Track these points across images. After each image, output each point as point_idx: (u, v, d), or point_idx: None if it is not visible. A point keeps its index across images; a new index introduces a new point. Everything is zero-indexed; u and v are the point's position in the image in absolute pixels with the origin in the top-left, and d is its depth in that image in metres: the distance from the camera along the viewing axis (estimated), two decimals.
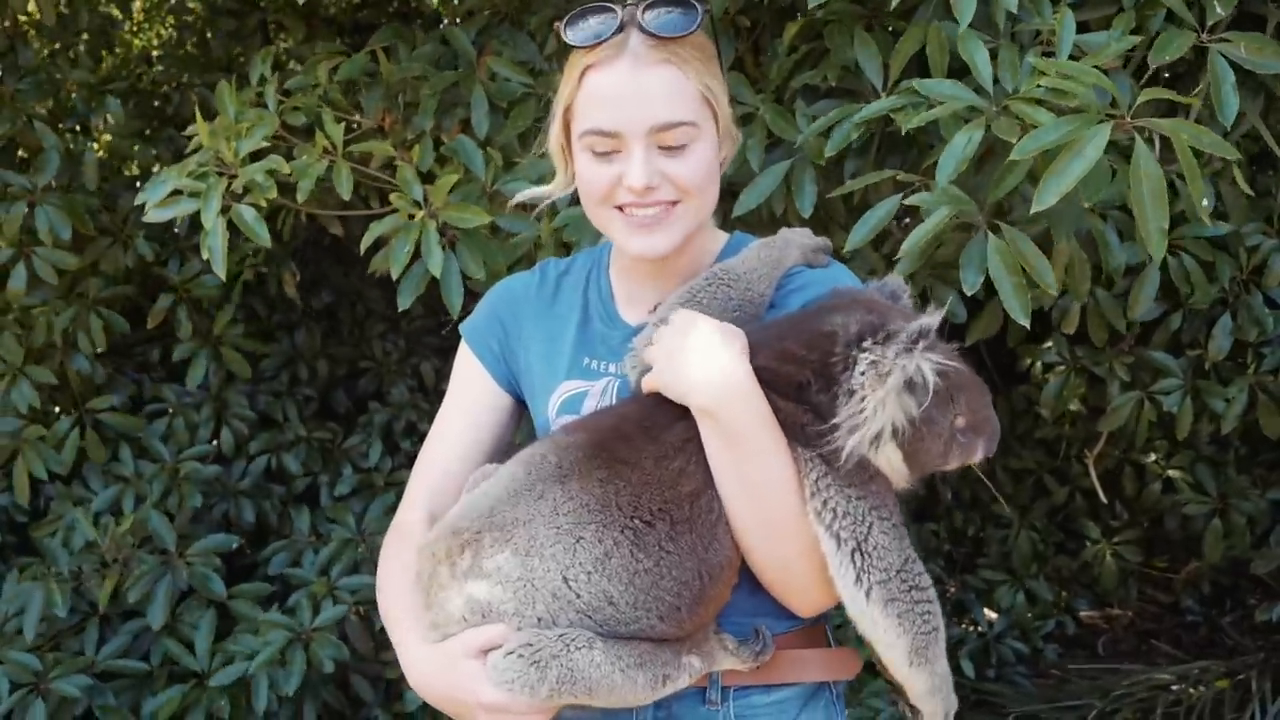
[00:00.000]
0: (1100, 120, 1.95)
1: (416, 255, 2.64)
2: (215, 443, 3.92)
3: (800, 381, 1.52)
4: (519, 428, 1.90)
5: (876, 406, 1.45)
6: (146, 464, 3.73)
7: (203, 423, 3.90)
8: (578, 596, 1.49)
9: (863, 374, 1.46)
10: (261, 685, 3.23)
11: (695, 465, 1.54)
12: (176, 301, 3.79)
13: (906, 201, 2.20)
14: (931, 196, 2.16)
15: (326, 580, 3.48)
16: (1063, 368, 3.62)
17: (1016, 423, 4.66)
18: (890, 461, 1.52)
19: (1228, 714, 4.15)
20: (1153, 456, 4.45)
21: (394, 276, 2.67)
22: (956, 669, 4.42)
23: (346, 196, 2.76)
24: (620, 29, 1.59)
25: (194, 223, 3.67)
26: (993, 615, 4.61)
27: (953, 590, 4.63)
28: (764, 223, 2.98)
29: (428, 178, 2.75)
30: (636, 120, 1.57)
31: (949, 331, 1.61)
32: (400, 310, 2.71)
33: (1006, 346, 4.47)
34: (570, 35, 1.62)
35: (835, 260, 1.80)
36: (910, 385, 1.46)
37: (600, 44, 1.59)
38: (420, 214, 2.63)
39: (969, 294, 2.16)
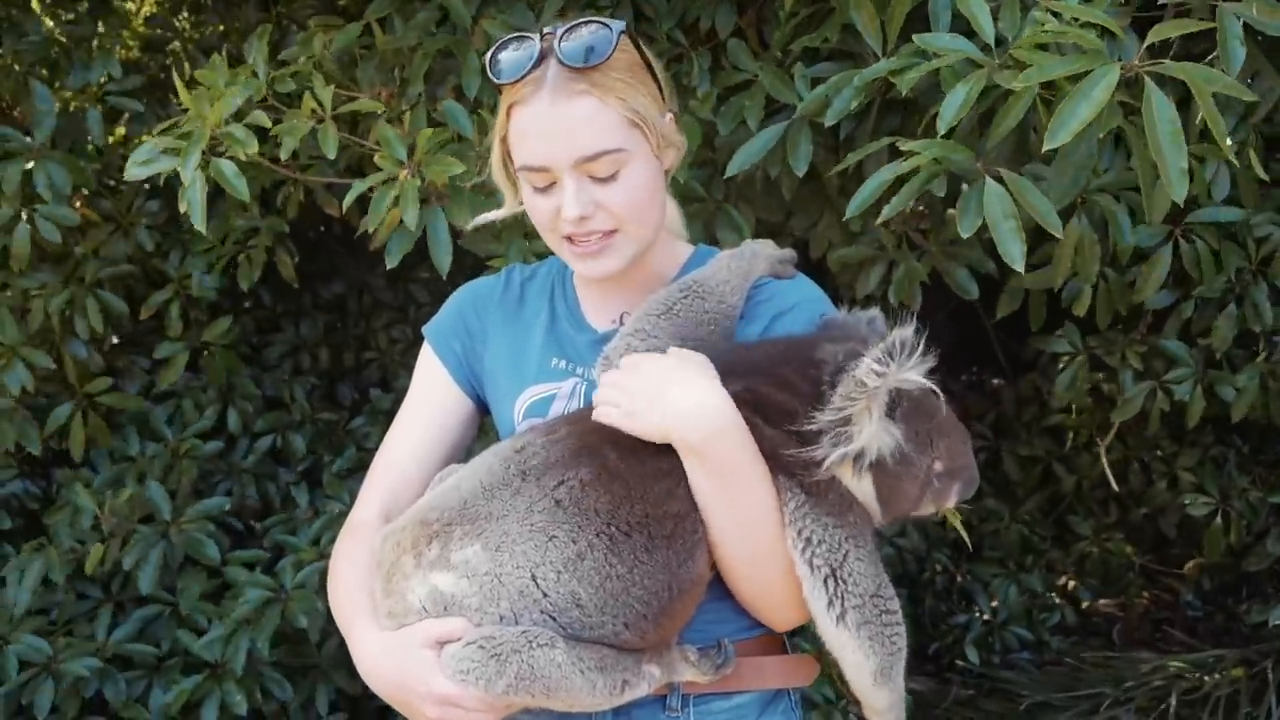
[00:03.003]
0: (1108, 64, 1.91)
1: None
2: (223, 429, 3.92)
3: (791, 410, 1.52)
4: (479, 433, 1.90)
5: (860, 417, 1.46)
6: (152, 445, 3.74)
7: (209, 403, 3.90)
8: (544, 596, 1.49)
9: (846, 389, 1.46)
10: (241, 644, 3.26)
11: (684, 489, 1.54)
12: (172, 297, 3.76)
13: (903, 146, 2.16)
14: (925, 144, 2.12)
15: (316, 549, 3.46)
16: (1076, 356, 3.58)
17: (1023, 410, 4.64)
18: (865, 496, 1.54)
19: (1243, 703, 4.13)
20: (1159, 453, 4.43)
21: (369, 230, 2.64)
22: (961, 656, 4.44)
23: (331, 155, 2.73)
24: (540, 61, 1.59)
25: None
26: (995, 602, 4.59)
27: (960, 579, 4.61)
28: (760, 193, 2.97)
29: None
30: (561, 154, 1.58)
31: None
32: (389, 268, 2.69)
33: (1016, 334, 4.48)
34: (493, 71, 1.63)
35: (800, 273, 1.81)
36: (895, 398, 1.48)
37: (521, 80, 1.59)
38: (403, 173, 2.61)
39: (965, 235, 2.11)
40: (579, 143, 1.57)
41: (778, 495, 1.54)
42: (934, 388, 1.48)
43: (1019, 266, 2.07)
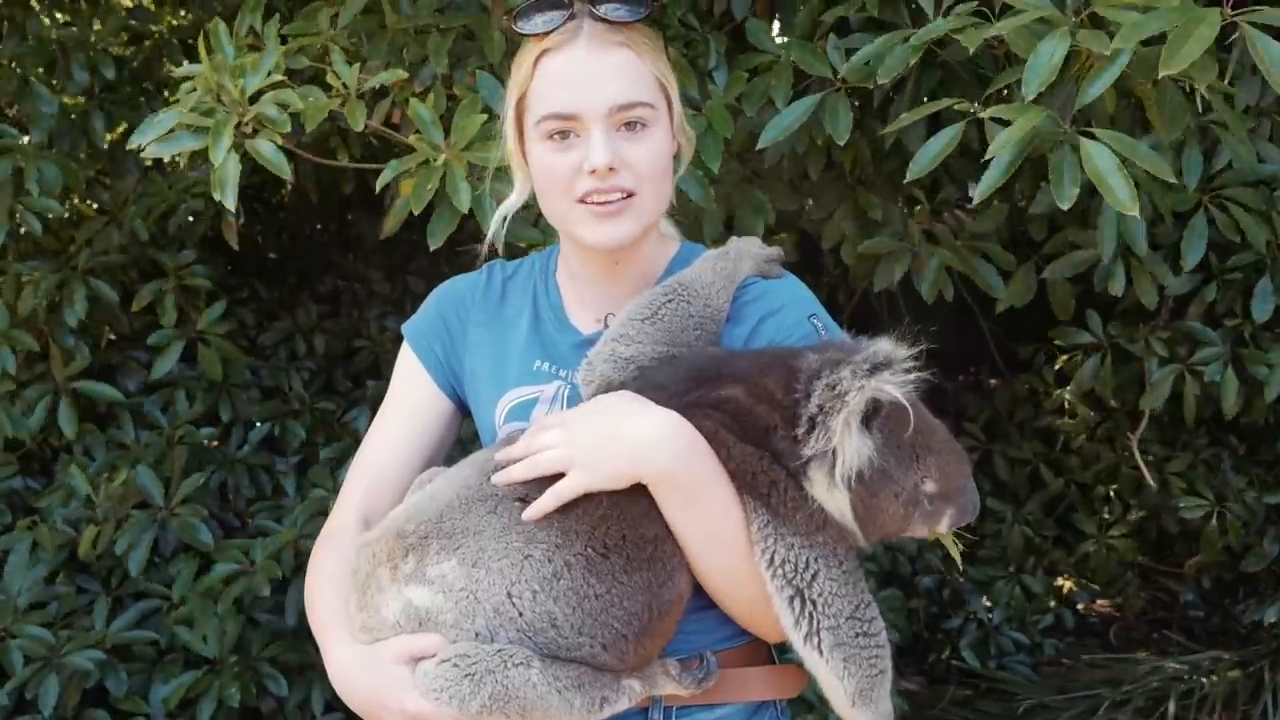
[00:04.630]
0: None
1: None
2: (217, 424, 3.89)
3: (768, 424, 1.49)
4: (460, 433, 1.88)
5: (841, 431, 1.41)
6: (147, 433, 3.71)
7: (202, 390, 3.87)
8: (520, 615, 1.47)
9: (820, 397, 1.42)
10: (227, 630, 3.28)
11: (660, 510, 1.51)
12: (162, 291, 3.72)
13: (988, 113, 2.06)
14: (1011, 109, 2.01)
15: (294, 529, 3.42)
16: (1096, 352, 3.52)
17: (1016, 410, 4.62)
18: (841, 513, 1.49)
19: (1240, 704, 4.13)
20: (1149, 457, 4.38)
21: (415, 213, 2.51)
22: (958, 659, 4.41)
23: (359, 128, 2.61)
24: (572, 17, 1.61)
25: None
26: (988, 602, 4.56)
27: (954, 581, 4.58)
28: (781, 179, 2.92)
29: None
30: (596, 101, 1.58)
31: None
32: (431, 250, 2.56)
33: (1013, 334, 4.47)
34: (522, 26, 1.63)
35: (789, 272, 1.78)
36: (872, 408, 1.43)
37: (554, 30, 1.61)
38: (442, 156, 2.49)
39: (1064, 206, 2.02)
40: (615, 90, 1.58)
41: (745, 514, 1.51)
42: (906, 401, 1.42)
43: (1135, 211, 1.95)
